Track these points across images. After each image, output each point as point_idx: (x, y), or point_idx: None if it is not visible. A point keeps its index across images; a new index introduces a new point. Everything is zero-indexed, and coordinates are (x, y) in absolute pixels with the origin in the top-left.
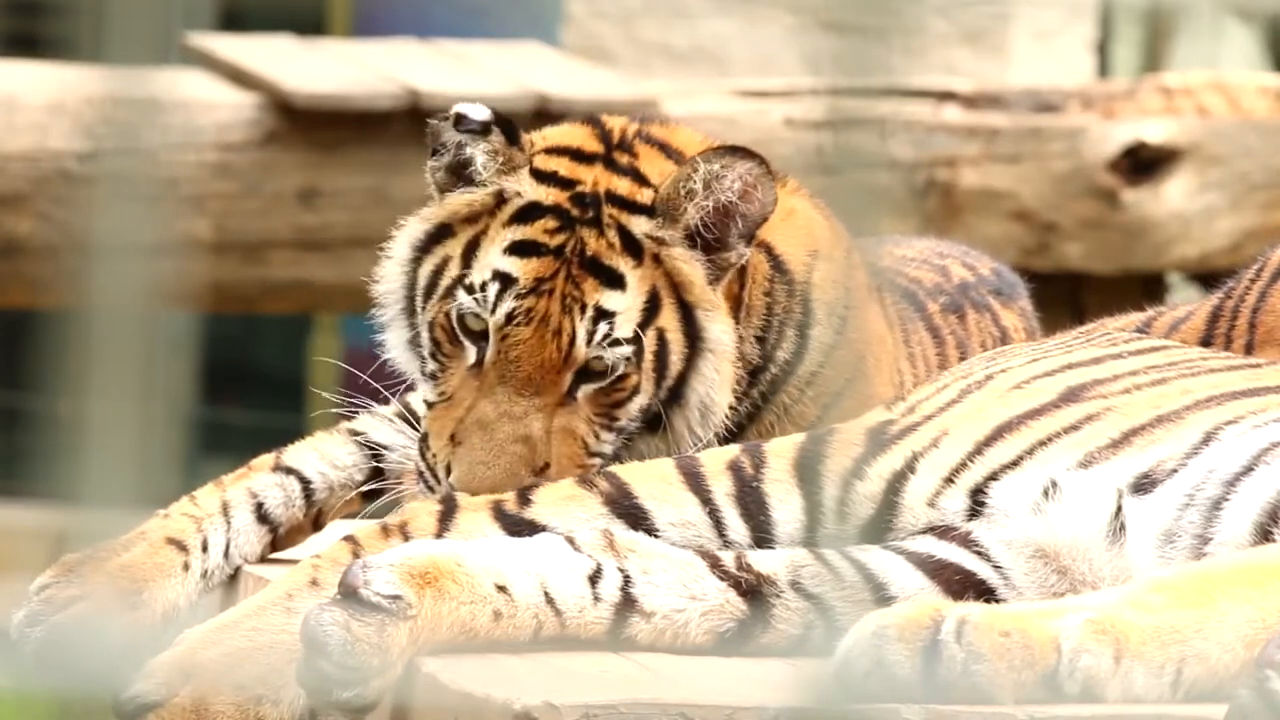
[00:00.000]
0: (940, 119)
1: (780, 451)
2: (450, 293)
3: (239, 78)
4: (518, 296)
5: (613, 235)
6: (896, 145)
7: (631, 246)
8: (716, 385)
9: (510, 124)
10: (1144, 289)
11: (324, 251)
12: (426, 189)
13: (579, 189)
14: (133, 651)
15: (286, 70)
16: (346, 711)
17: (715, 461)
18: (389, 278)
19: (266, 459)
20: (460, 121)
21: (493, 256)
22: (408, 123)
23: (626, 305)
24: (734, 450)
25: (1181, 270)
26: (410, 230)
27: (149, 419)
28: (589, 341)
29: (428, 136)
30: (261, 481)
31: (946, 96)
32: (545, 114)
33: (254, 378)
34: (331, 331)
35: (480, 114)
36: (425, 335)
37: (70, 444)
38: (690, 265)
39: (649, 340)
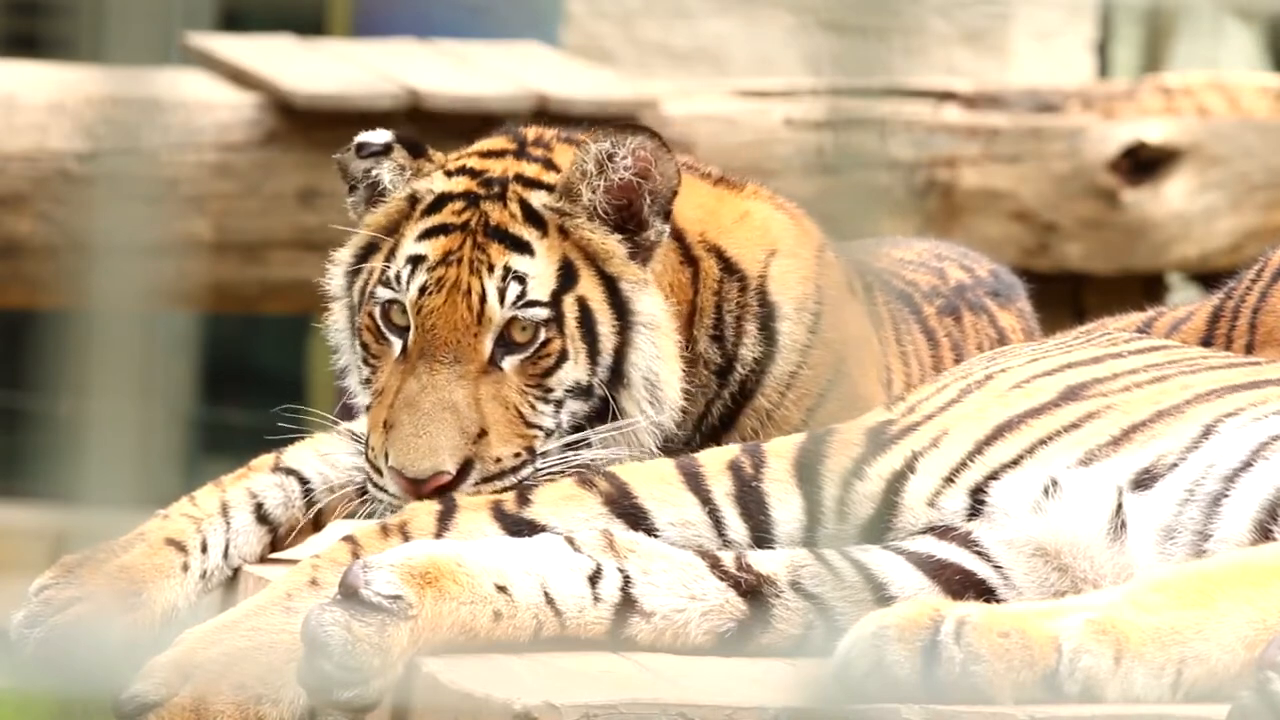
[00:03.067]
0: (940, 119)
1: (780, 451)
2: (371, 296)
3: (239, 78)
4: (428, 270)
5: (515, 207)
6: (896, 145)
7: (533, 218)
8: (658, 359)
9: (415, 141)
10: (1144, 289)
11: (324, 251)
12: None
13: (487, 175)
14: (132, 652)
15: (286, 70)
16: (347, 711)
17: (715, 461)
18: (336, 317)
19: (266, 459)
20: (362, 149)
21: (407, 247)
22: (408, 123)
23: (538, 270)
24: (734, 450)
25: (1182, 270)
26: (340, 260)
27: (149, 419)
28: (501, 300)
29: (338, 173)
30: (261, 482)
31: (946, 96)
32: (545, 114)
33: (254, 378)
34: None
35: (380, 137)
36: (357, 343)
37: (70, 444)
38: (601, 237)
39: (569, 306)
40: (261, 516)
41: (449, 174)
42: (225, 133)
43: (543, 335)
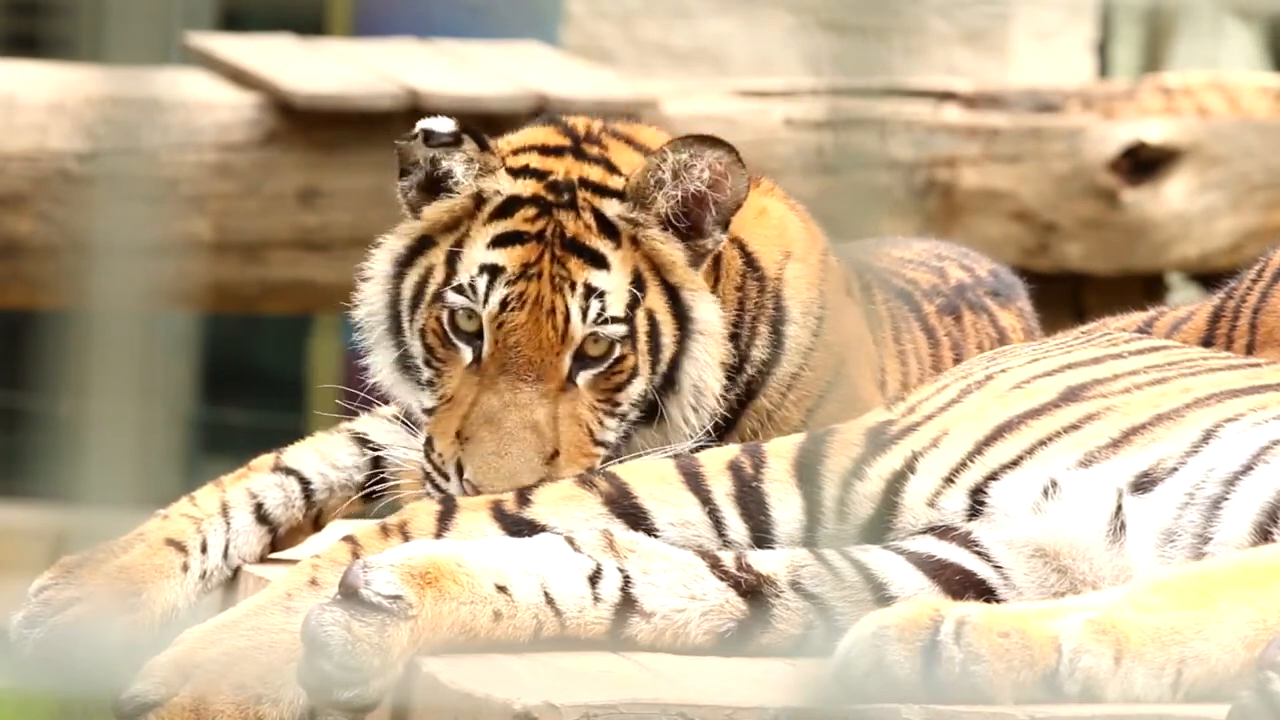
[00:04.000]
0: (940, 119)
1: (780, 451)
2: (439, 297)
3: (239, 78)
4: (508, 284)
5: (589, 218)
6: (896, 145)
7: (607, 229)
8: (708, 368)
9: (476, 132)
10: (1144, 289)
11: (324, 251)
12: (399, 210)
13: (553, 178)
14: (131, 652)
15: (286, 70)
16: (347, 711)
17: (715, 461)
18: (370, 299)
19: (266, 459)
20: (430, 137)
21: (478, 253)
22: (407, 123)
23: (614, 285)
24: (734, 450)
25: (1182, 270)
26: (389, 248)
27: (149, 419)
28: (584, 318)
29: (396, 158)
30: (261, 482)
31: (946, 96)
32: (546, 114)
33: (254, 378)
34: (331, 331)
35: (447, 126)
36: (418, 344)
37: (70, 444)
38: (669, 247)
39: (640, 321)
40: (261, 516)
41: (513, 174)
42: (225, 133)
43: (617, 351)
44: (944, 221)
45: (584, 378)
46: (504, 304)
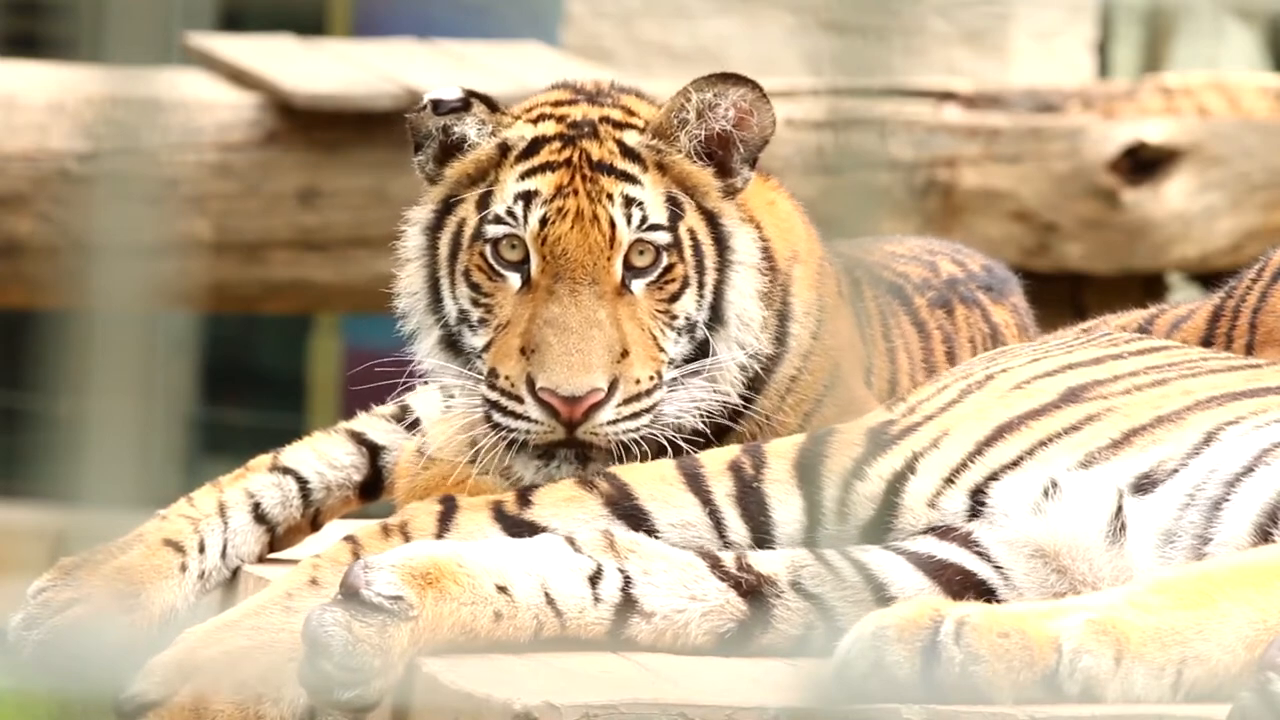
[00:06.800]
0: (940, 119)
1: (781, 452)
2: (477, 236)
3: (239, 78)
4: (545, 203)
5: (611, 145)
6: (896, 145)
7: (631, 154)
8: (750, 299)
9: (487, 97)
10: (1144, 289)
11: (324, 251)
12: (419, 185)
13: (572, 118)
14: (130, 653)
15: (286, 70)
16: (348, 711)
17: (716, 462)
18: (409, 281)
19: (264, 459)
20: (439, 106)
21: (510, 187)
22: None
23: (650, 198)
24: (734, 451)
25: (1182, 270)
26: (418, 219)
27: (149, 419)
28: (627, 223)
29: (408, 132)
30: (259, 482)
31: (946, 96)
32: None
33: (254, 378)
34: (331, 331)
35: (455, 93)
36: (463, 289)
37: (70, 444)
38: (701, 172)
39: (684, 234)
40: (259, 516)
41: (533, 122)
42: (225, 133)
43: (665, 260)
44: (944, 221)
45: (638, 286)
46: (544, 220)
